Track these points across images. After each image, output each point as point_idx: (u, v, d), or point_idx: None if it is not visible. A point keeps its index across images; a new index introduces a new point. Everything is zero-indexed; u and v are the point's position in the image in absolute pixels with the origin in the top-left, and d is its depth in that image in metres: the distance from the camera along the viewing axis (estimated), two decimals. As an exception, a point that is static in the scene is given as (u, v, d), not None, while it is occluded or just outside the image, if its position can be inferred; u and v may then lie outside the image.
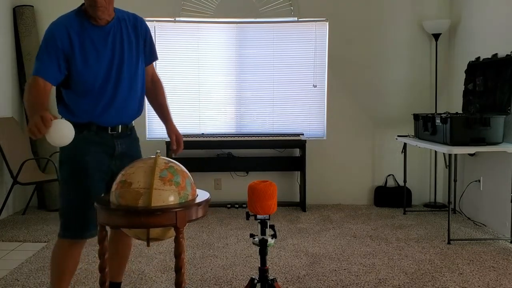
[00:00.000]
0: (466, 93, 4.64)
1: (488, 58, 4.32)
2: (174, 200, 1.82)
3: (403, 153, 4.93)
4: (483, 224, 4.46)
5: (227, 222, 4.66)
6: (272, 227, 2.33)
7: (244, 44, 5.40)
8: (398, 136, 4.96)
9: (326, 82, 5.37)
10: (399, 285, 3.11)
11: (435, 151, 5.21)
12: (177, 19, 5.29)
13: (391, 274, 3.29)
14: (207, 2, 5.27)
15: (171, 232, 1.87)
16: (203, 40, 5.36)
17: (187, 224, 1.83)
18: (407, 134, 4.94)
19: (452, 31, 5.19)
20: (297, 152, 5.34)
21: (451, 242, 3.96)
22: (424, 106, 5.29)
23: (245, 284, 2.91)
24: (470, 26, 4.85)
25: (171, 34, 5.35)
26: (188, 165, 2.30)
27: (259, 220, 2.31)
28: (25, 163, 4.54)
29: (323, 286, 3.11)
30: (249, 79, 5.42)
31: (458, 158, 4.83)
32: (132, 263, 3.53)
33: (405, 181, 5.01)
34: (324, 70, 5.38)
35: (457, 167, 4.78)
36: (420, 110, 5.12)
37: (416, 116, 4.71)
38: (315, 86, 5.39)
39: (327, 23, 5.32)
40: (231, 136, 5.20)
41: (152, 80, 2.51)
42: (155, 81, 2.53)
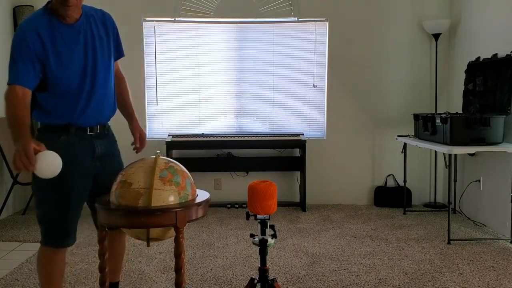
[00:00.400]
0: (466, 93, 4.64)
1: (488, 58, 4.32)
2: (174, 200, 1.82)
3: (403, 153, 4.93)
4: (483, 224, 4.46)
5: (227, 222, 4.66)
6: (272, 227, 2.33)
7: (244, 44, 5.40)
8: (398, 136, 4.96)
9: (326, 82, 5.37)
10: (399, 285, 3.11)
11: (435, 151, 5.21)
12: (177, 19, 5.29)
13: (391, 274, 3.29)
14: (207, 2, 5.27)
15: (171, 232, 1.87)
16: (203, 40, 5.36)
17: (187, 224, 1.83)
18: (407, 134, 4.94)
19: (452, 31, 5.19)
20: (297, 152, 5.34)
21: (451, 242, 3.96)
22: (424, 106, 5.29)
23: (245, 284, 2.91)
24: (470, 26, 4.85)
25: (171, 34, 5.35)
26: (188, 165, 2.30)
27: (259, 220, 2.31)
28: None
29: (323, 286, 3.11)
30: (249, 79, 5.42)
31: (458, 158, 4.83)
32: (132, 263, 3.53)
33: (405, 181, 5.01)
34: (324, 70, 5.37)
35: (457, 167, 4.78)
36: (420, 110, 5.12)
37: (416, 116, 4.71)
38: (315, 86, 5.39)
39: (327, 23, 5.32)
40: (231, 136, 5.20)
41: (116, 76, 2.44)
42: (119, 77, 2.48)
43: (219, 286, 3.10)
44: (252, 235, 2.37)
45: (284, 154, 5.36)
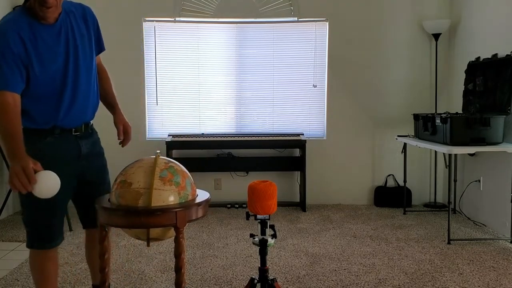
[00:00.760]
0: (466, 93, 4.63)
1: (488, 58, 4.32)
2: (174, 200, 1.82)
3: (403, 153, 4.93)
4: (483, 224, 4.46)
5: (227, 222, 4.66)
6: (272, 227, 2.33)
7: (244, 44, 5.39)
8: (398, 136, 4.96)
9: (326, 82, 5.37)
10: (399, 285, 3.11)
11: (435, 151, 5.21)
12: (177, 19, 5.29)
13: (391, 274, 3.29)
14: (207, 2, 5.27)
15: (171, 232, 1.87)
16: (203, 40, 5.36)
17: (187, 224, 1.83)
18: (407, 134, 4.94)
19: (452, 31, 5.19)
20: (297, 152, 5.34)
21: (451, 242, 3.96)
22: (424, 106, 5.29)
23: (245, 284, 2.91)
24: (470, 26, 4.85)
25: (171, 34, 5.35)
26: (188, 165, 2.30)
27: (259, 220, 2.31)
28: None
29: (323, 286, 3.11)
30: (249, 79, 5.42)
31: (458, 158, 4.83)
32: (132, 263, 3.53)
33: (405, 181, 5.01)
34: (324, 70, 5.37)
35: (457, 167, 4.78)
36: (420, 110, 5.12)
37: (416, 116, 4.71)
38: (315, 86, 5.39)
39: (327, 23, 5.32)
40: (231, 136, 5.20)
41: (98, 67, 2.36)
42: (101, 69, 2.40)
43: (219, 286, 3.10)
44: (252, 235, 2.37)
45: (284, 154, 5.36)
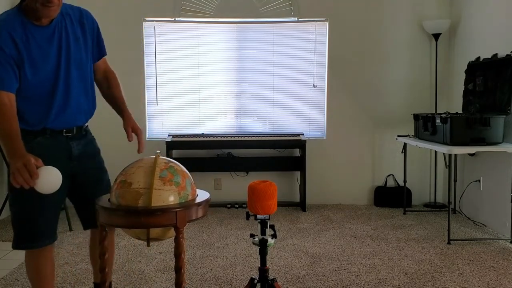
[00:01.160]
0: (466, 93, 4.63)
1: (488, 58, 4.32)
2: (174, 200, 1.82)
3: (403, 153, 4.93)
4: (483, 224, 4.46)
5: (227, 222, 4.66)
6: (272, 227, 2.32)
7: (244, 44, 5.40)
8: (398, 136, 4.96)
9: (326, 82, 5.37)
10: (399, 285, 3.11)
11: (435, 151, 5.21)
12: (177, 19, 5.29)
13: (391, 274, 3.29)
14: (207, 2, 5.27)
15: (171, 232, 1.87)
16: (203, 40, 5.36)
17: (187, 224, 1.83)
18: (407, 134, 4.94)
19: (452, 31, 5.19)
20: (297, 152, 5.34)
21: (451, 242, 3.96)
22: (424, 106, 5.29)
23: (245, 284, 2.91)
24: (470, 26, 4.85)
25: (171, 34, 5.35)
26: (188, 165, 2.29)
27: (259, 220, 2.31)
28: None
29: (323, 286, 3.11)
30: (249, 79, 5.42)
31: (458, 158, 4.83)
32: (132, 263, 3.53)
33: (405, 181, 5.01)
34: (324, 70, 5.37)
35: (457, 167, 4.78)
36: (420, 110, 5.12)
37: (416, 116, 4.71)
38: (315, 86, 5.39)
39: (327, 23, 5.32)
40: (231, 136, 5.20)
41: (104, 73, 2.33)
42: (108, 73, 2.35)
43: (219, 286, 3.10)
44: (252, 235, 2.37)
45: (284, 154, 5.36)
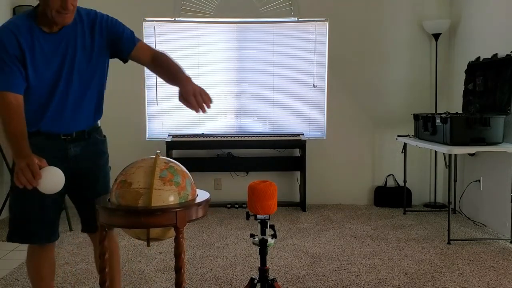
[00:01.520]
0: (466, 93, 4.63)
1: (488, 58, 4.32)
2: (174, 200, 1.82)
3: (403, 153, 4.93)
4: (483, 224, 4.46)
5: (227, 222, 4.66)
6: (272, 227, 2.32)
7: (244, 44, 5.39)
8: (398, 136, 4.96)
9: (326, 82, 5.37)
10: (399, 285, 3.11)
11: (435, 151, 5.21)
12: (177, 19, 5.29)
13: (391, 274, 3.29)
14: (207, 2, 5.27)
15: (171, 232, 1.87)
16: (203, 40, 5.36)
17: (187, 224, 1.83)
18: (407, 134, 4.94)
19: (452, 31, 5.19)
20: (297, 152, 5.34)
21: (451, 242, 3.96)
22: (424, 106, 5.29)
23: (245, 284, 2.91)
24: (470, 26, 4.85)
25: (171, 34, 5.35)
26: (188, 165, 2.29)
27: (259, 220, 2.31)
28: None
29: (323, 286, 3.11)
30: (249, 79, 5.42)
31: (458, 158, 4.83)
32: (132, 263, 3.53)
33: (405, 181, 5.01)
34: (324, 70, 5.37)
35: (457, 167, 4.78)
36: (420, 110, 5.12)
37: (416, 116, 4.71)
38: (315, 86, 5.39)
39: (327, 23, 5.32)
40: (231, 136, 5.20)
41: (151, 57, 2.19)
42: (156, 55, 2.19)
43: (219, 286, 3.10)
44: (252, 235, 2.37)
45: (284, 154, 5.36)
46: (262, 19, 5.32)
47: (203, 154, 5.29)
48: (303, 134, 5.27)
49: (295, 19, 5.32)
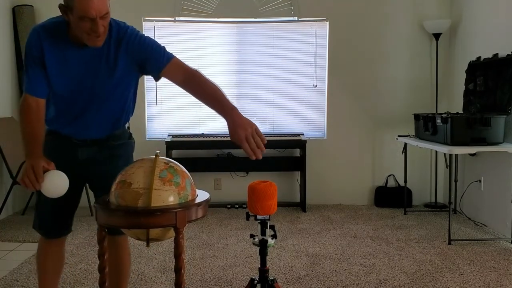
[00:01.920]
0: (467, 93, 4.63)
1: (489, 58, 4.31)
2: (173, 201, 1.81)
3: (404, 153, 4.92)
4: (484, 225, 4.45)
5: (227, 222, 4.65)
6: (272, 227, 2.31)
7: (244, 44, 5.39)
8: (399, 136, 4.95)
9: (326, 82, 5.37)
10: (399, 285, 3.10)
11: (436, 151, 5.20)
12: (176, 18, 5.28)
13: (391, 275, 3.28)
14: (207, 2, 5.26)
15: (171, 233, 1.86)
16: (203, 40, 5.35)
17: (187, 224, 1.82)
18: (408, 134, 4.93)
19: (452, 31, 5.18)
20: (297, 152, 5.33)
21: (452, 242, 3.96)
22: (424, 106, 5.28)
23: (245, 285, 2.90)
24: (470, 26, 4.84)
25: (171, 34, 5.34)
26: (188, 165, 2.28)
27: (259, 221, 2.30)
28: (24, 163, 4.53)
29: (323, 286, 3.10)
30: (249, 79, 5.41)
31: (459, 158, 4.82)
32: (132, 263, 3.51)
33: (405, 181, 5.00)
34: (324, 70, 5.37)
35: (457, 167, 4.77)
36: (421, 110, 5.11)
37: (416, 116, 4.70)
38: (315, 86, 5.38)
39: (327, 23, 5.32)
40: (231, 136, 5.18)
41: (183, 78, 2.11)
42: (189, 75, 2.11)
43: (219, 287, 3.10)
44: (252, 236, 2.36)
45: (284, 154, 5.35)
46: (262, 18, 5.31)
47: (203, 154, 5.29)
48: (303, 134, 5.27)
49: (295, 18, 5.32)
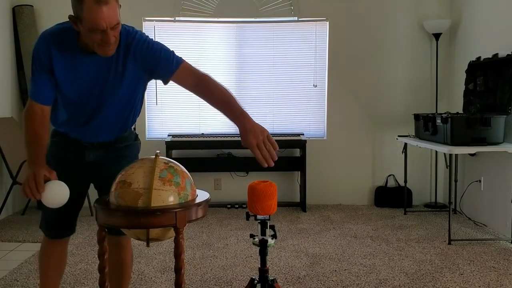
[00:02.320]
0: (467, 93, 4.63)
1: (489, 58, 4.31)
2: (173, 201, 1.81)
3: (404, 153, 4.92)
4: (484, 225, 4.45)
5: (227, 222, 4.65)
6: (272, 227, 2.31)
7: (244, 44, 5.39)
8: (399, 136, 4.95)
9: (326, 82, 5.37)
10: (399, 285, 3.10)
11: (436, 151, 5.20)
12: (176, 18, 5.28)
13: (391, 275, 3.28)
14: (207, 1, 5.26)
15: (171, 233, 1.86)
16: (203, 40, 5.35)
17: (187, 224, 1.82)
18: (408, 134, 4.93)
19: (452, 31, 5.18)
20: (297, 152, 5.33)
21: (452, 242, 3.96)
22: (424, 106, 5.28)
23: (245, 285, 2.90)
24: (470, 26, 4.84)
25: (171, 34, 5.34)
26: (188, 165, 2.28)
27: (259, 221, 2.30)
28: (24, 163, 4.53)
29: (323, 286, 3.10)
30: (249, 79, 5.41)
31: (459, 158, 4.82)
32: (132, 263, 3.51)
33: (405, 181, 5.00)
34: (324, 70, 5.37)
35: (457, 167, 4.77)
36: (421, 110, 5.11)
37: (416, 116, 4.70)
38: (315, 86, 5.38)
39: (327, 23, 5.32)
40: (231, 136, 5.18)
41: (194, 84, 2.10)
42: (199, 80, 2.09)
43: (219, 287, 3.10)
44: (252, 236, 2.36)
45: (284, 154, 5.34)
46: (262, 18, 5.31)
47: (203, 154, 5.28)
48: (303, 134, 5.27)
49: (295, 18, 5.31)
